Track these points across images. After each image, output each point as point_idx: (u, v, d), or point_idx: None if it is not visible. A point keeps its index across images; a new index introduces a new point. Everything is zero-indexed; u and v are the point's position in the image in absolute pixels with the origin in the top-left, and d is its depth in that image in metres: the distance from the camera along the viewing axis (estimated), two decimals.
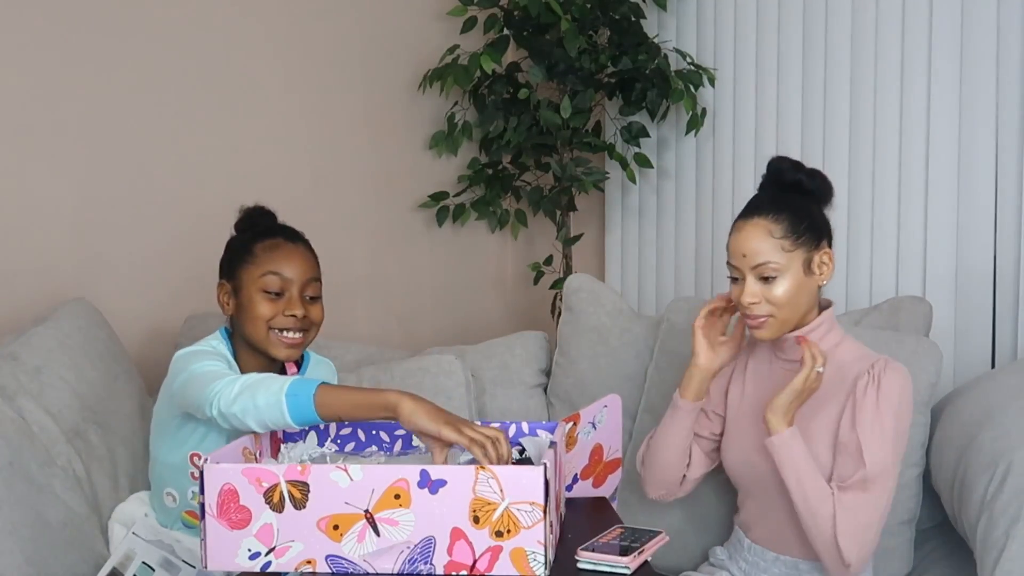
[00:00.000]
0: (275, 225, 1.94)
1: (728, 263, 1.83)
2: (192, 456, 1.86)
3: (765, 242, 1.77)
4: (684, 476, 1.99)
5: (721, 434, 1.98)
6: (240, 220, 1.95)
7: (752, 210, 1.82)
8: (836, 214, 2.60)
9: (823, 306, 1.86)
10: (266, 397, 1.59)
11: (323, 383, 1.59)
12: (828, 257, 1.82)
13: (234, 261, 1.89)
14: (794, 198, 1.81)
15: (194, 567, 1.83)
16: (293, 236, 1.91)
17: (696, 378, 1.91)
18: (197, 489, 1.86)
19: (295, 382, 1.59)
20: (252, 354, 1.90)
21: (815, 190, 1.83)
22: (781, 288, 1.77)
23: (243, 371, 1.89)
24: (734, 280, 1.83)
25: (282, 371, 1.97)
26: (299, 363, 2.00)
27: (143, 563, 1.81)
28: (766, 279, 1.78)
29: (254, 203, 1.97)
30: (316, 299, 1.91)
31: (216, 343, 1.90)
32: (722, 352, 1.92)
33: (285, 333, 1.84)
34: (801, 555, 1.85)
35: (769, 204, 1.81)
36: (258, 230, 1.91)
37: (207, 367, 1.74)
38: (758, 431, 1.85)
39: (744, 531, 1.96)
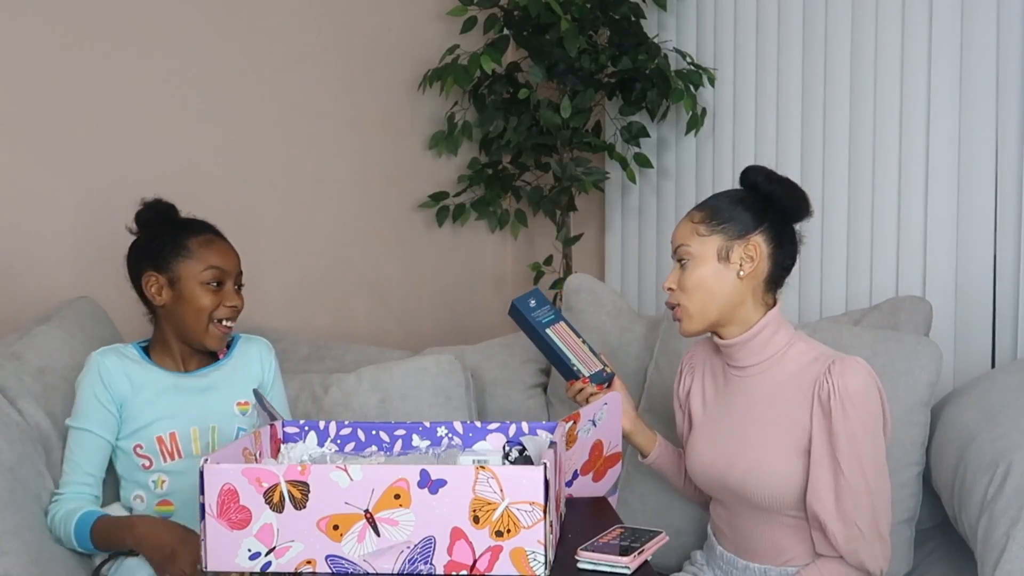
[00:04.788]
0: (193, 219, 2.04)
1: None
2: (135, 448, 1.95)
3: (686, 227, 1.80)
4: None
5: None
6: (142, 213, 2.02)
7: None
8: (837, 213, 2.63)
9: (771, 306, 1.81)
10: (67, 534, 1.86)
11: (100, 518, 1.86)
12: (755, 251, 1.75)
13: (167, 255, 1.98)
14: (754, 200, 1.78)
15: None
16: (217, 231, 2.05)
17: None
18: (157, 478, 1.92)
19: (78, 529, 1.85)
20: (167, 349, 2.02)
21: (788, 206, 1.78)
22: (690, 272, 1.77)
23: (160, 364, 2.01)
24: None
25: (213, 353, 2.07)
26: (228, 344, 2.09)
27: None
28: (682, 263, 1.78)
29: (153, 197, 2.03)
30: (240, 288, 2.06)
31: None
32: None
33: (224, 322, 2.00)
34: (768, 562, 1.83)
35: (712, 198, 1.83)
36: (177, 224, 2.01)
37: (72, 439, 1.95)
38: (721, 442, 1.84)
39: (716, 538, 1.94)
